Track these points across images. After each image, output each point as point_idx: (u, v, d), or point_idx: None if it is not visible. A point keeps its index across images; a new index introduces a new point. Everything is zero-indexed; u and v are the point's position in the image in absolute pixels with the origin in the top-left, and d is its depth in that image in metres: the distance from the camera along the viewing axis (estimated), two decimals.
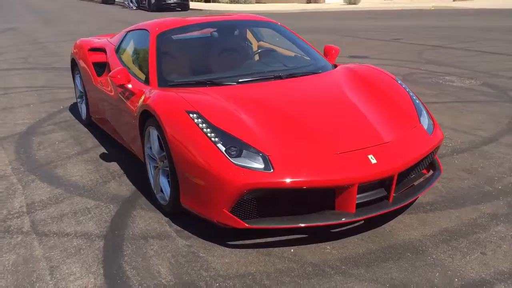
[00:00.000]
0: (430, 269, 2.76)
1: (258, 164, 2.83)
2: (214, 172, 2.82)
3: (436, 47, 10.97)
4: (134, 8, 29.39)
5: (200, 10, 27.03)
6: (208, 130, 2.98)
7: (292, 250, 2.98)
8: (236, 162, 2.82)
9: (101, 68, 4.99)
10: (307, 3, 28.57)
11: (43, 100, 7.01)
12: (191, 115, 3.08)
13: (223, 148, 2.88)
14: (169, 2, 26.68)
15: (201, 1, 33.98)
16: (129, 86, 3.85)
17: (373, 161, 2.93)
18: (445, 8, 22.93)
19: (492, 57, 9.49)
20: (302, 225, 2.86)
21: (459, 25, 15.72)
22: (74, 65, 5.67)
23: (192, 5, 28.41)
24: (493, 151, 4.51)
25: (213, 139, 2.93)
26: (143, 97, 3.64)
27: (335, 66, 4.23)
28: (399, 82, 3.84)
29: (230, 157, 2.84)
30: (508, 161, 4.26)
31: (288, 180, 2.77)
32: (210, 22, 4.53)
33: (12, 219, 3.50)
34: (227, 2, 33.75)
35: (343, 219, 2.90)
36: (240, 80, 3.72)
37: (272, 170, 2.80)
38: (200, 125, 3.01)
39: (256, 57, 4.37)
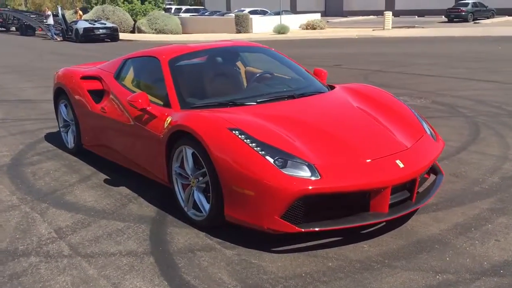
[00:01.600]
0: (460, 256, 3.15)
1: (305, 173, 3.12)
2: (266, 182, 3.07)
3: (376, 71, 11.86)
4: (59, 39, 28.69)
5: (131, 40, 26.94)
6: (254, 144, 3.23)
7: (334, 251, 3.27)
8: (286, 172, 3.09)
9: (96, 95, 5.06)
10: (237, 33, 29.38)
11: (12, 132, 6.84)
12: (234, 132, 3.32)
13: (271, 160, 3.14)
14: (98, 33, 26.42)
15: (126, 32, 33.79)
16: (149, 109, 4.00)
17: (401, 165, 3.32)
18: (367, 37, 24.60)
19: (429, 79, 10.45)
20: (349, 226, 3.17)
21: (386, 52, 16.98)
22: (59, 94, 5.66)
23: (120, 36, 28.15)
24: (467, 158, 5.09)
25: (260, 152, 3.18)
26: (169, 119, 3.81)
27: (332, 86, 4.62)
28: (396, 98, 4.31)
29: (279, 167, 3.11)
30: (483, 165, 4.84)
31: (335, 185, 3.09)
32: (212, 48, 4.80)
33: (47, 244, 3.50)
34: (153, 33, 33.95)
35: (380, 218, 3.25)
36: (258, 100, 4.00)
37: (319, 177, 3.09)
38: (245, 140, 3.26)
39: (258, 80, 4.65)
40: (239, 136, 3.29)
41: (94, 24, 26.80)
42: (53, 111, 7.93)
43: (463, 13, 37.02)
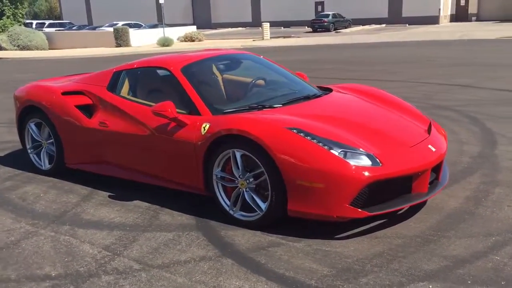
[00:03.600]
0: (491, 222, 3.70)
1: (365, 162, 3.43)
2: (337, 173, 3.32)
3: None
4: None
5: (0, 58, 24.77)
6: (315, 140, 3.46)
7: (390, 231, 3.62)
8: (352, 162, 3.38)
9: (84, 110, 4.84)
10: (117, 46, 28.53)
11: None
12: (293, 131, 3.51)
13: (336, 153, 3.41)
14: None
15: None
16: (180, 118, 4.00)
17: (433, 149, 3.79)
18: (250, 46, 25.59)
19: (340, 82, 11.36)
20: (405, 206, 3.57)
21: (279, 60, 17.83)
22: (28, 112, 5.24)
23: None
24: None
25: (324, 146, 3.43)
26: (206, 126, 3.85)
27: (328, 88, 4.95)
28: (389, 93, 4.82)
29: (345, 158, 3.39)
30: (449, 149, 5.48)
31: (395, 171, 3.45)
32: (216, 56, 4.91)
33: (108, 262, 3.36)
34: (15, 50, 31.59)
35: (424, 197, 3.69)
36: (283, 102, 4.22)
37: (381, 165, 3.43)
38: (306, 137, 3.47)
39: (256, 86, 4.83)
40: (299, 134, 3.49)
41: None
42: None
43: (326, 24, 40.41)
